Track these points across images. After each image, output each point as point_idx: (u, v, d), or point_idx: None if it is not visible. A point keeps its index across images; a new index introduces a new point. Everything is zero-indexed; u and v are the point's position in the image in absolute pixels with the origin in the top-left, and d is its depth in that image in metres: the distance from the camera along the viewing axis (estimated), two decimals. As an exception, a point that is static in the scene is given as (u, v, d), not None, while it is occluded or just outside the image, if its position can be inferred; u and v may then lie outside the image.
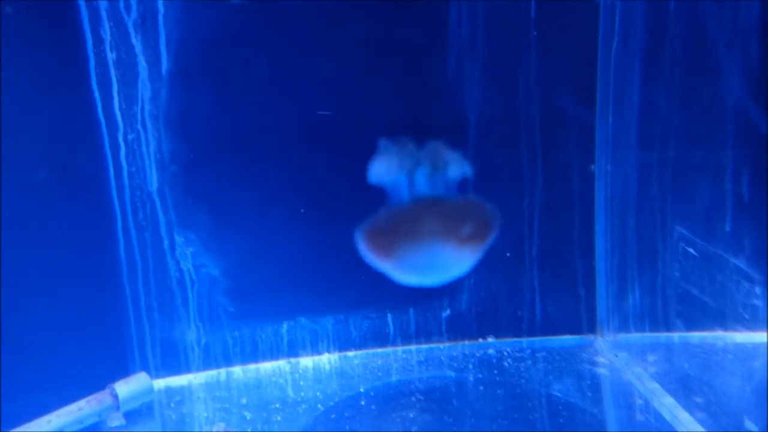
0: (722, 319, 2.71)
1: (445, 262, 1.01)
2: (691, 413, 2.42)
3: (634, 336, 2.94)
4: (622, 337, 3.02)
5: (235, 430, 2.13)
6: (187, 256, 3.02)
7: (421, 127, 3.00)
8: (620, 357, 2.93)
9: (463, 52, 2.98)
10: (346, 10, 2.90)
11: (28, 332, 2.64)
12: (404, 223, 0.96)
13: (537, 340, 3.12)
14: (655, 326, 2.86)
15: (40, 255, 2.67)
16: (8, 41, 2.52)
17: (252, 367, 3.07)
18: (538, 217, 3.08)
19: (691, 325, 2.79)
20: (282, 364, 3.09)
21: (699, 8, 2.70)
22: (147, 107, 2.90)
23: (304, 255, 3.11)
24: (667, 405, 2.52)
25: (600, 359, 2.97)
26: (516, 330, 3.16)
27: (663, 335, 2.87)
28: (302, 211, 3.06)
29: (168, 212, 2.98)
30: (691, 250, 2.57)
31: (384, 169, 1.01)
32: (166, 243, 3.00)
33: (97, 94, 2.81)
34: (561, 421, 2.53)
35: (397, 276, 1.03)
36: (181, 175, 2.96)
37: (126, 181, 2.90)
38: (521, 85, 2.99)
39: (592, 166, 3.08)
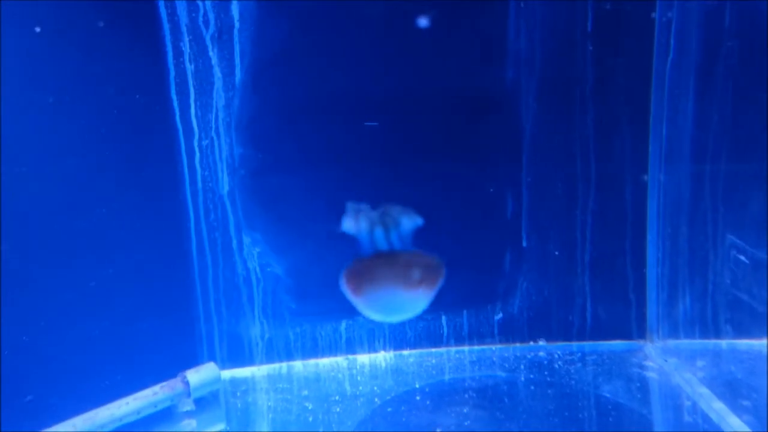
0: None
1: (401, 304, 1.21)
2: (738, 416, 2.48)
3: (684, 342, 3.00)
4: (672, 342, 3.08)
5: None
6: (254, 255, 3.21)
7: (477, 138, 3.17)
8: (669, 362, 3.00)
9: (521, 64, 3.11)
10: (404, 22, 3.05)
11: (109, 323, 2.84)
12: (365, 271, 1.18)
13: (587, 345, 3.20)
14: (705, 332, 2.92)
15: (120, 252, 2.87)
16: (98, 52, 2.76)
17: (312, 362, 3.23)
18: (590, 224, 3.17)
19: (740, 331, 2.84)
20: (340, 360, 3.25)
21: (754, 23, 2.78)
22: (221, 115, 3.10)
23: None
24: (715, 407, 2.58)
25: (649, 363, 3.04)
26: (567, 334, 3.25)
27: (712, 341, 2.93)
28: (362, 215, 3.22)
29: (237, 214, 3.18)
30: (742, 258, 2.63)
31: (349, 226, 1.25)
32: (234, 243, 3.19)
33: (175, 103, 3.03)
34: (610, 420, 2.61)
35: (365, 312, 1.25)
36: (249, 179, 3.16)
37: (200, 184, 3.11)
38: (576, 97, 3.10)
39: (645, 177, 3.16)
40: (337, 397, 2.93)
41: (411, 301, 1.19)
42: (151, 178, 2.97)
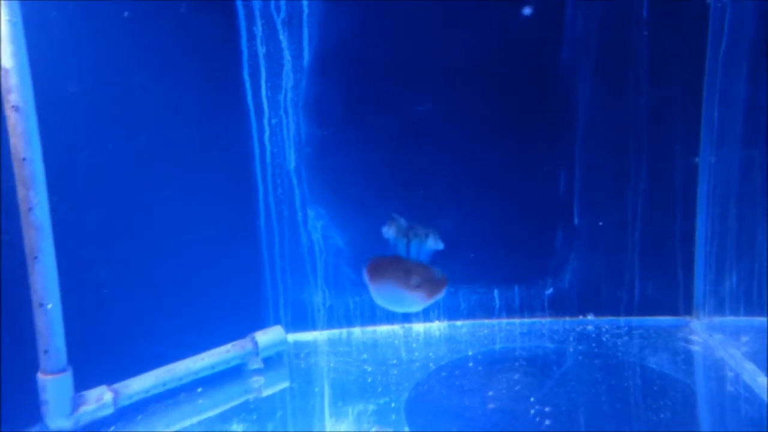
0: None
1: (399, 299, 1.61)
2: (781, 387, 2.59)
3: (729, 319, 3.10)
4: (717, 319, 3.18)
5: (390, 430, 2.40)
6: (317, 228, 3.42)
7: (532, 117, 3.30)
8: (714, 337, 3.10)
9: (577, 46, 3.23)
10: (464, 6, 3.20)
11: (187, 286, 3.08)
12: (379, 267, 1.55)
13: (635, 319, 3.33)
14: (749, 310, 3.01)
15: (197, 223, 3.10)
16: (180, 35, 2.97)
17: (370, 329, 3.44)
18: (641, 203, 3.29)
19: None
20: (396, 328, 3.45)
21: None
22: (289, 95, 3.31)
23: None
24: (758, 380, 2.69)
25: (695, 338, 3.16)
26: (615, 309, 3.38)
27: (756, 319, 3.02)
28: (420, 192, 3.39)
29: (302, 189, 3.39)
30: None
31: (386, 231, 1.59)
32: (299, 216, 3.41)
33: (248, 84, 3.25)
34: (655, 388, 2.74)
35: (375, 299, 1.61)
36: (315, 156, 3.37)
37: (269, 160, 3.33)
38: (631, 79, 3.21)
39: (696, 159, 3.25)
40: (394, 361, 3.12)
41: (408, 299, 1.55)
42: (225, 154, 3.20)
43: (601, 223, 3.33)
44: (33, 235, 2.49)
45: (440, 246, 1.61)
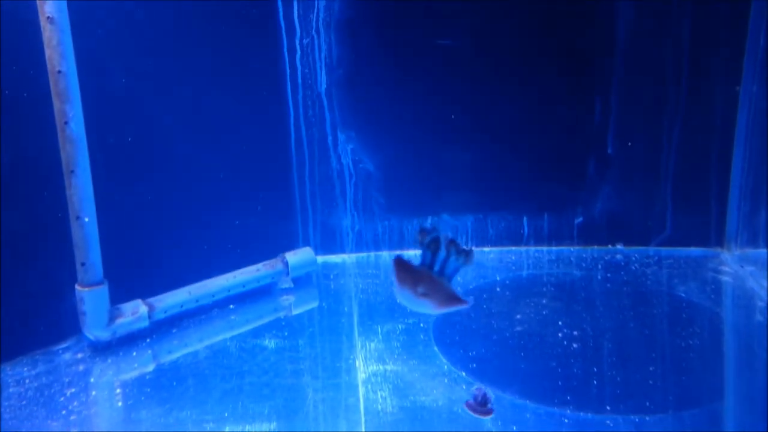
0: None
1: (411, 301, 1.71)
2: (811, 317, 2.59)
3: (762, 251, 3.08)
4: (750, 251, 3.16)
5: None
6: (347, 152, 3.41)
7: (572, 48, 3.22)
8: (745, 268, 3.09)
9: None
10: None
11: (220, 206, 3.13)
12: (399, 269, 1.65)
13: (664, 250, 3.32)
14: (784, 243, 3.00)
15: (229, 145, 3.12)
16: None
17: (398, 253, 3.45)
18: (678, 133, 3.23)
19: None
20: (425, 252, 3.46)
21: None
22: (321, 15, 3.25)
23: (451, 159, 3.43)
24: (789, 310, 2.69)
25: (725, 269, 3.14)
26: (645, 239, 3.37)
27: (791, 253, 3.01)
28: (452, 117, 3.36)
29: (333, 111, 3.36)
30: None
31: (418, 238, 1.63)
32: (329, 139, 3.40)
33: (279, 2, 3.19)
34: (683, 315, 2.75)
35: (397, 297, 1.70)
36: (346, 78, 3.33)
37: (300, 81, 3.30)
38: (673, 4, 3.10)
39: (738, 87, 3.17)
40: (422, 284, 3.16)
41: (419, 303, 1.67)
42: (256, 74, 3.17)
43: (630, 144, 3.26)
44: (69, 149, 2.51)
45: (461, 264, 1.69)
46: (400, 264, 1.70)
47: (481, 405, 2.09)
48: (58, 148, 2.50)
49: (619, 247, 3.37)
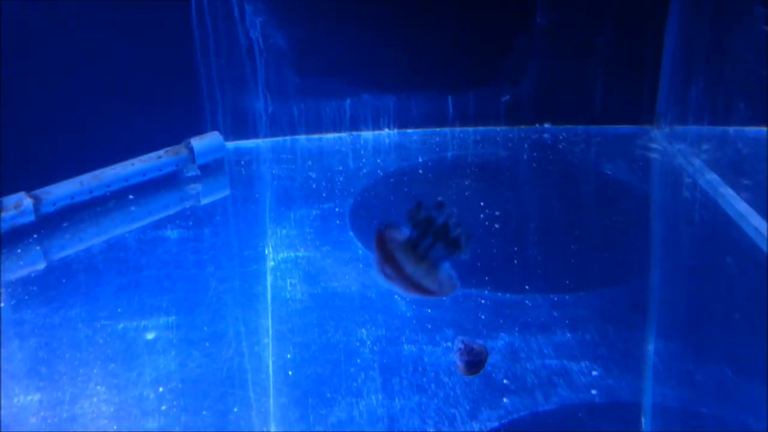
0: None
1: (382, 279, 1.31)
2: (737, 192, 2.51)
3: (692, 128, 2.98)
4: (679, 128, 3.05)
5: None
6: (256, 25, 3.09)
7: None
8: (674, 145, 2.98)
9: None
10: None
11: (115, 89, 2.81)
12: (379, 240, 1.25)
13: (593, 128, 3.17)
14: (714, 119, 2.88)
15: (121, 20, 2.78)
16: None
17: (315, 136, 3.23)
18: (613, 4, 3.01)
19: (752, 118, 2.80)
20: (344, 136, 3.24)
21: None
22: None
23: (370, 34, 3.15)
24: (714, 184, 2.60)
25: (654, 146, 3.03)
26: (573, 117, 3.22)
27: (720, 128, 2.91)
28: (371, -15, 3.07)
29: (239, -21, 3.03)
30: (766, 27, 2.51)
31: (411, 214, 1.24)
32: (236, 11, 3.06)
33: None
34: (609, 193, 2.65)
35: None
36: (253, -60, 2.98)
37: (198, -58, 2.93)
38: None
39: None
40: (340, 168, 2.96)
41: (386, 282, 1.33)
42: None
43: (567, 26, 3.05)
44: None
45: (463, 256, 1.32)
46: (381, 235, 1.37)
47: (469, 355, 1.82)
48: None
49: (546, 126, 3.21)
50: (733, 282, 2.20)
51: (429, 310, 2.05)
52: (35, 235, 2.47)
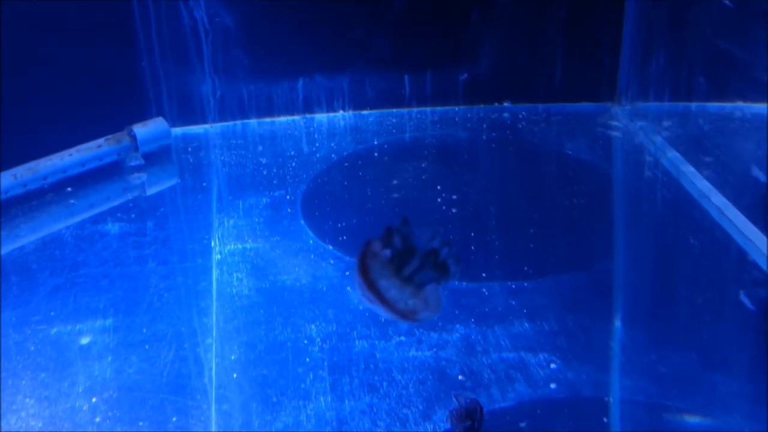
0: (744, 90, 2.65)
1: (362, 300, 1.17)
2: (699, 170, 2.45)
3: (653, 105, 2.90)
4: (640, 105, 2.97)
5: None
6: (200, 4, 2.93)
7: None
8: (635, 122, 2.90)
9: None
10: None
11: (49, 76, 2.66)
12: (363, 255, 1.09)
13: (553, 106, 3.08)
14: (675, 95, 2.81)
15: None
16: None
17: (267, 120, 3.09)
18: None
19: (713, 94, 2.74)
20: (297, 119, 3.11)
21: None
22: None
23: (322, 11, 3.01)
24: (676, 162, 2.54)
25: (615, 124, 2.95)
26: (533, 96, 3.12)
27: (681, 104, 2.84)
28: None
29: (179, -48, 2.86)
30: (727, 2, 2.43)
31: (389, 239, 1.08)
32: (178, -12, 2.91)
33: None
34: (570, 173, 2.57)
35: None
36: None
37: None
38: None
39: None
40: (292, 153, 2.84)
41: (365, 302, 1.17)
42: None
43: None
44: None
45: (451, 281, 1.16)
46: (366, 249, 1.20)
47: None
48: None
49: (506, 105, 3.11)
50: (697, 264, 2.14)
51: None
52: (-36, 234, 2.33)
